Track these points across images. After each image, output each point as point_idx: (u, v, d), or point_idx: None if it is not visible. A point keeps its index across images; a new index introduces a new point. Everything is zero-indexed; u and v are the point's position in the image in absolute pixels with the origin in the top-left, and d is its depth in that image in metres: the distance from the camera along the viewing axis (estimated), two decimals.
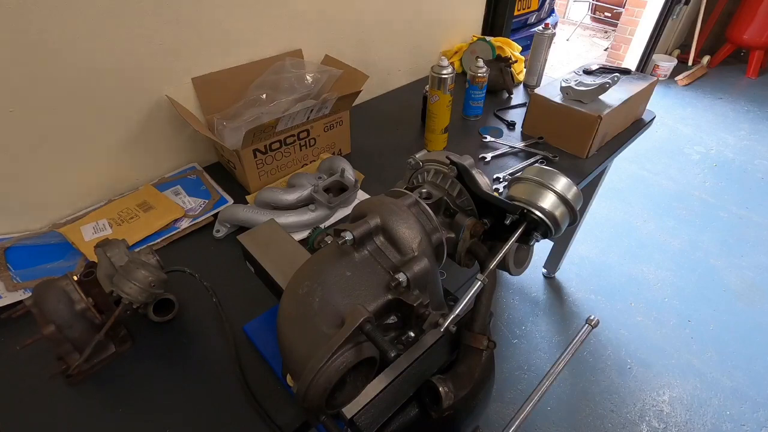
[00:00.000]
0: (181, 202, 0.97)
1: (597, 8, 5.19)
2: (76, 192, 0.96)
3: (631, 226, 2.32)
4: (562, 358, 0.51)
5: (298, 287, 0.51)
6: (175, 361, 0.69)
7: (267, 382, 0.66)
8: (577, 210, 0.64)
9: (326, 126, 1.08)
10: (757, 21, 3.63)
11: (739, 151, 2.94)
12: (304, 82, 1.11)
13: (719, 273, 2.06)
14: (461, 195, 0.65)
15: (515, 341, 1.77)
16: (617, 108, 1.14)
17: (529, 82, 1.54)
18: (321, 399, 0.43)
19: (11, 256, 0.82)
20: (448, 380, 0.53)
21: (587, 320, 0.55)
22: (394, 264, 0.53)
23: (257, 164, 0.99)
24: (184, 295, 0.75)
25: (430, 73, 1.10)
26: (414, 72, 1.62)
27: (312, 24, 1.20)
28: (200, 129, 0.92)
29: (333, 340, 0.43)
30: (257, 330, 0.71)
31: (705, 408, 1.56)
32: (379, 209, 0.55)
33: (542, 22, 2.52)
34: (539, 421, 1.51)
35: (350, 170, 1.02)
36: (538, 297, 1.96)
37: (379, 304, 0.50)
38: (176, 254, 0.88)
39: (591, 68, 1.27)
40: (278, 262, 0.65)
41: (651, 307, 1.90)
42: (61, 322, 0.59)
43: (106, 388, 0.65)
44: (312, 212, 0.92)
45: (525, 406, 0.49)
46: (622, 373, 1.66)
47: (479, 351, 0.57)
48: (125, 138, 0.98)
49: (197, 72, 1.03)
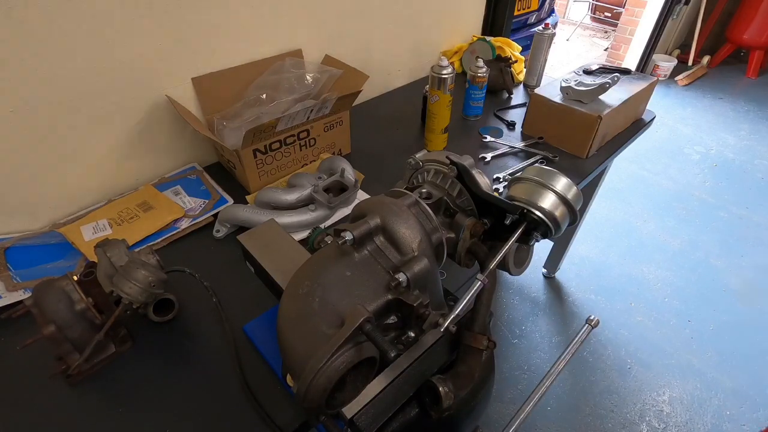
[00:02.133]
0: (181, 202, 0.97)
1: (597, 8, 5.19)
2: (76, 192, 0.96)
3: (631, 226, 2.32)
4: (562, 358, 0.51)
5: (298, 287, 0.51)
6: (175, 361, 0.69)
7: (267, 382, 0.66)
8: (577, 210, 0.64)
9: (326, 126, 1.08)
10: (757, 21, 3.63)
11: (739, 151, 2.94)
12: (304, 82, 1.11)
13: (719, 273, 2.06)
14: (461, 195, 0.65)
15: (515, 341, 1.77)
16: (617, 108, 1.14)
17: (529, 82, 1.54)
18: (321, 399, 0.43)
19: (11, 256, 0.82)
20: (448, 380, 0.53)
21: (587, 320, 0.55)
22: (394, 264, 0.53)
23: (257, 164, 0.99)
24: (184, 295, 0.75)
25: (430, 73, 1.10)
26: (414, 72, 1.62)
27: (312, 24, 1.20)
28: (200, 129, 0.92)
29: (333, 340, 0.43)
30: (257, 330, 0.71)
31: (705, 408, 1.56)
32: (379, 209, 0.55)
33: (542, 22, 2.52)
34: (539, 421, 1.51)
35: (350, 170, 1.02)
36: (538, 297, 1.96)
37: (379, 304, 0.50)
38: (176, 254, 0.88)
39: (591, 68, 1.27)
40: (278, 262, 0.65)
41: (651, 307, 1.90)
42: (61, 322, 0.59)
43: (106, 388, 0.65)
44: (312, 212, 0.92)
45: (525, 406, 0.49)
46: (622, 373, 1.66)
47: (479, 351, 0.57)
48: (125, 138, 0.98)
49: (197, 72, 1.03)
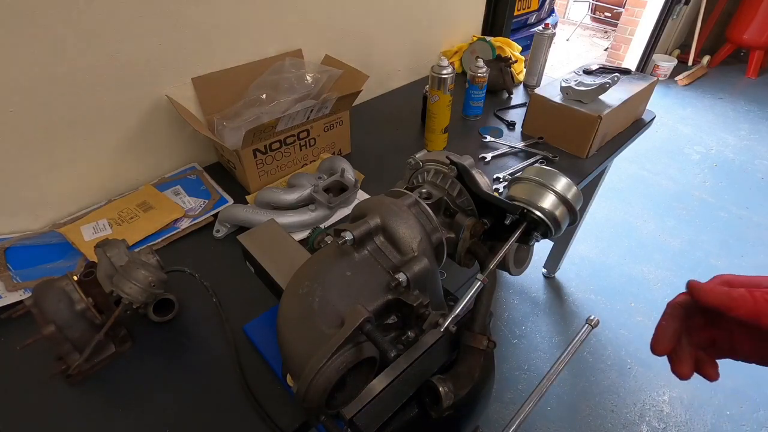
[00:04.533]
0: (181, 202, 0.97)
1: (597, 8, 5.19)
2: (76, 192, 0.96)
3: (631, 226, 2.32)
4: (562, 358, 0.51)
5: (298, 287, 0.51)
6: (175, 361, 0.69)
7: (267, 382, 0.66)
8: (577, 210, 0.64)
9: (326, 126, 1.08)
10: (757, 21, 3.63)
11: (739, 151, 2.94)
12: (304, 82, 1.11)
13: (719, 273, 2.05)
14: (461, 195, 0.65)
15: (515, 341, 1.77)
16: (617, 108, 1.14)
17: (529, 82, 1.54)
18: (321, 399, 0.43)
19: (11, 256, 0.82)
20: (448, 380, 0.53)
21: (587, 320, 0.55)
22: (394, 264, 0.53)
23: (257, 164, 0.99)
24: (184, 295, 0.75)
25: (430, 73, 1.10)
26: (414, 72, 1.62)
27: (312, 24, 1.20)
28: (200, 129, 0.92)
29: (333, 340, 0.43)
30: (257, 330, 0.71)
31: (705, 408, 1.56)
32: (379, 209, 0.55)
33: (542, 22, 2.52)
34: (539, 421, 1.51)
35: (350, 170, 1.02)
36: (538, 297, 1.96)
37: (379, 304, 0.50)
38: (176, 254, 0.88)
39: (591, 68, 1.27)
40: (278, 262, 0.65)
41: (651, 307, 1.90)
42: (61, 322, 0.59)
43: (106, 388, 0.65)
44: (312, 212, 0.92)
45: (525, 406, 0.49)
46: (622, 373, 1.66)
47: (479, 351, 0.57)
48: (125, 138, 0.98)
49: (197, 72, 1.03)
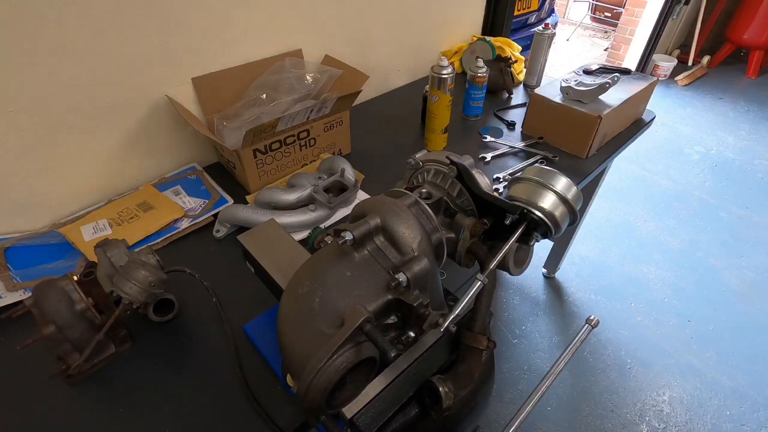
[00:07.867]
0: (181, 202, 0.97)
1: (597, 8, 5.18)
2: (76, 192, 0.96)
3: (631, 226, 2.32)
4: (562, 358, 0.51)
5: (298, 287, 0.51)
6: (175, 361, 0.69)
7: (267, 382, 0.66)
8: (577, 210, 0.64)
9: (326, 126, 1.08)
10: (757, 21, 3.62)
11: (739, 151, 2.94)
12: (304, 82, 1.11)
13: (719, 273, 2.06)
14: (461, 195, 0.65)
15: (515, 341, 1.77)
16: (617, 108, 1.14)
17: (529, 82, 1.54)
18: (321, 399, 0.43)
19: (11, 256, 0.82)
20: (448, 380, 0.53)
21: (587, 320, 0.55)
22: (394, 264, 0.53)
23: (257, 164, 0.99)
24: (184, 295, 0.75)
25: (430, 73, 1.10)
26: (414, 72, 1.62)
27: (312, 24, 1.20)
28: (200, 129, 0.92)
29: (333, 340, 0.43)
30: (257, 330, 0.71)
31: (705, 408, 1.56)
32: (379, 209, 0.55)
33: (542, 22, 2.52)
34: (539, 421, 1.51)
35: (350, 170, 1.02)
36: (538, 297, 1.96)
37: (379, 304, 0.50)
38: (176, 254, 0.88)
39: (591, 68, 1.27)
40: (278, 262, 0.65)
41: (651, 307, 1.90)
42: (61, 322, 0.59)
43: (106, 388, 0.65)
44: (312, 212, 0.92)
45: (525, 406, 0.49)
46: (622, 373, 1.66)
47: (479, 351, 0.57)
48: (125, 138, 0.98)
49: (197, 72, 1.03)
